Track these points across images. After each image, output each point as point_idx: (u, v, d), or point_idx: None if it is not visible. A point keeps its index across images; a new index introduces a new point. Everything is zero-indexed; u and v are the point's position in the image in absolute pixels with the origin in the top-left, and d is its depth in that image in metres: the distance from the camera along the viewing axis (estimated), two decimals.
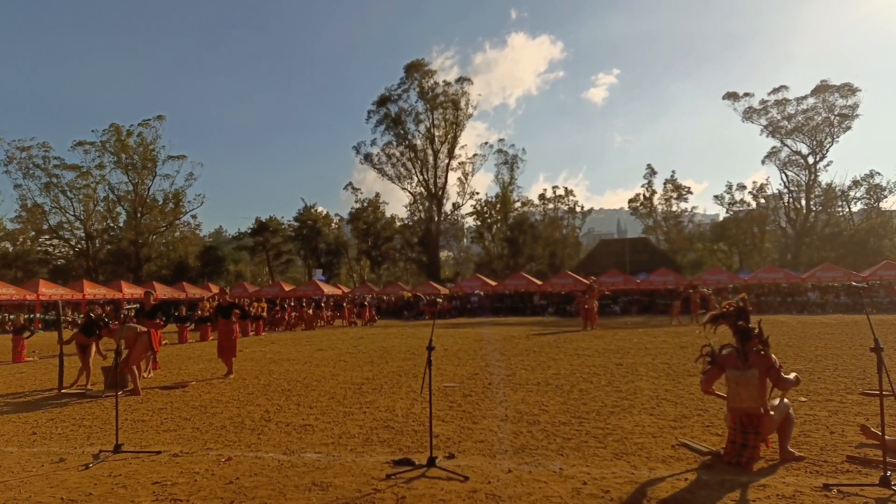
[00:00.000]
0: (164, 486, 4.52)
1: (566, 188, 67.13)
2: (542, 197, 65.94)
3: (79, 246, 55.83)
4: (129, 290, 36.76)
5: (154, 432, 6.47)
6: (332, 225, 65.30)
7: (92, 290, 34.87)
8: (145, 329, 9.75)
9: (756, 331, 5.01)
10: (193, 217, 66.18)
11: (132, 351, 9.31)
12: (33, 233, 56.12)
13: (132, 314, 11.82)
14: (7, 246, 56.58)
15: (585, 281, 30.66)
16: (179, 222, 59.64)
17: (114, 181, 55.07)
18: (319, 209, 63.84)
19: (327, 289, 41.63)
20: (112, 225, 57.27)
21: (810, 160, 54.22)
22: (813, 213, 55.56)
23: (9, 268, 51.96)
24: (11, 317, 31.42)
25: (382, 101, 59.24)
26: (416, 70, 58.47)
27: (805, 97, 53.00)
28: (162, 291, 37.32)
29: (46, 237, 56.35)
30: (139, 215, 55.29)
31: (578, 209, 66.38)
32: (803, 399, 7.26)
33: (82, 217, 54.52)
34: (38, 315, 32.34)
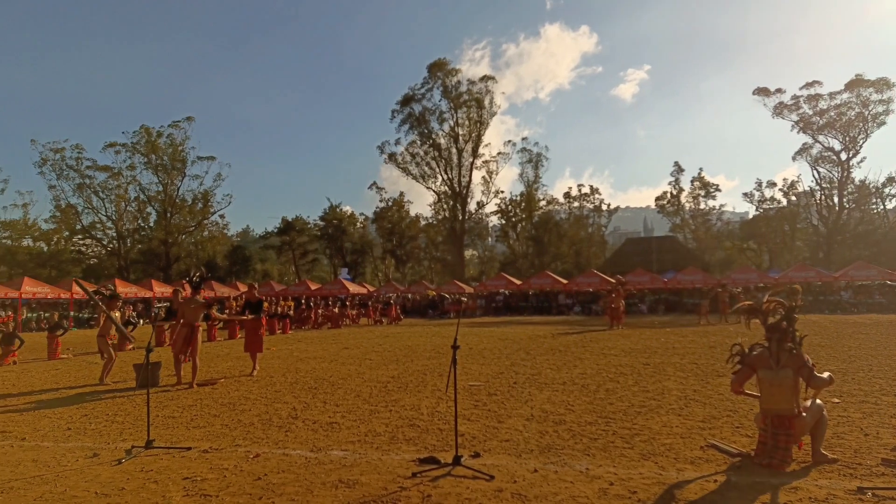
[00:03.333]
0: (195, 482, 4.60)
1: (591, 186, 66.74)
2: (567, 195, 65.60)
3: (111, 245, 56.97)
4: (160, 289, 37.42)
5: (184, 429, 6.57)
6: (358, 224, 65.71)
7: (123, 289, 35.50)
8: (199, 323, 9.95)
9: (791, 330, 4.93)
10: (221, 217, 67.10)
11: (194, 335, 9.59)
12: (67, 233, 57.37)
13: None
14: (42, 246, 57.98)
15: (611, 280, 30.39)
16: (208, 222, 60.54)
17: (144, 182, 56.10)
18: (345, 208, 64.39)
19: (353, 287, 41.90)
20: (143, 225, 58.31)
21: (843, 156, 52.97)
22: (846, 211, 54.25)
23: (43, 267, 53.26)
24: (46, 315, 32.31)
25: (406, 101, 59.41)
26: (439, 69, 58.52)
27: (838, 92, 51.82)
28: (191, 290, 37.83)
29: (79, 237, 57.59)
30: (169, 215, 56.19)
31: (604, 207, 65.93)
32: (836, 400, 7.11)
33: (114, 217, 55.64)
34: (71, 313, 33.11)
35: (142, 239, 58.06)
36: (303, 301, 30.64)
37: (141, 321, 30.43)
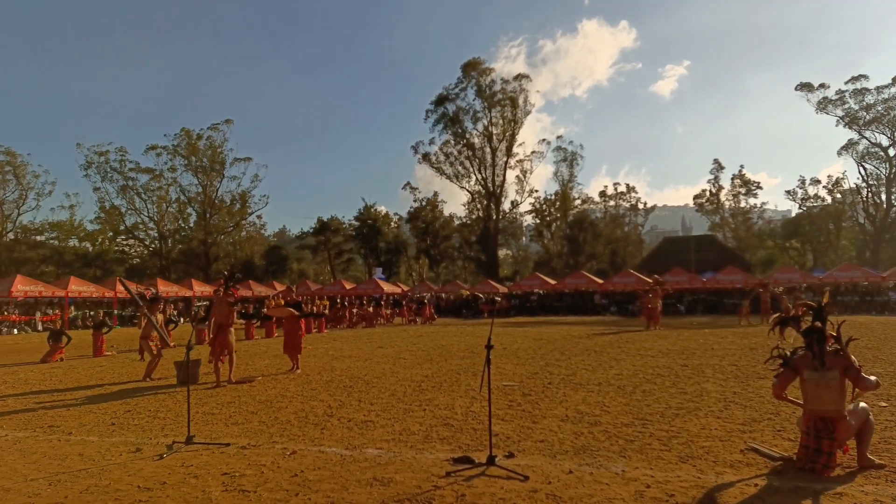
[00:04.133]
0: (233, 477, 4.68)
1: (628, 185, 65.86)
2: (602, 194, 64.94)
3: (153, 246, 58.58)
4: (200, 288, 38.29)
5: (223, 425, 6.70)
6: (392, 224, 66.08)
7: (165, 288, 36.42)
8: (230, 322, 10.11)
9: (832, 331, 4.78)
10: (259, 217, 68.29)
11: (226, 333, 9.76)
12: (111, 233, 59.24)
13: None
14: (87, 246, 59.98)
15: (648, 280, 29.95)
16: (246, 222, 61.67)
17: (184, 183, 57.53)
18: (379, 208, 64.83)
19: (387, 287, 42.17)
20: (183, 225, 59.78)
21: (891, 152, 51.28)
22: (894, 208, 52.46)
23: (89, 266, 55.01)
24: (91, 313, 33.30)
25: (440, 101, 59.50)
26: (473, 68, 58.49)
27: (886, 86, 50.11)
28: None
29: (123, 237, 59.43)
30: (208, 216, 57.43)
31: (641, 206, 65.04)
32: (884, 404, 6.88)
33: (155, 218, 57.23)
34: (115, 311, 34.08)
35: (182, 239, 59.49)
36: (338, 300, 30.95)
37: (182, 320, 31.11)
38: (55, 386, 10.32)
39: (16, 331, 29.63)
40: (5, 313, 30.87)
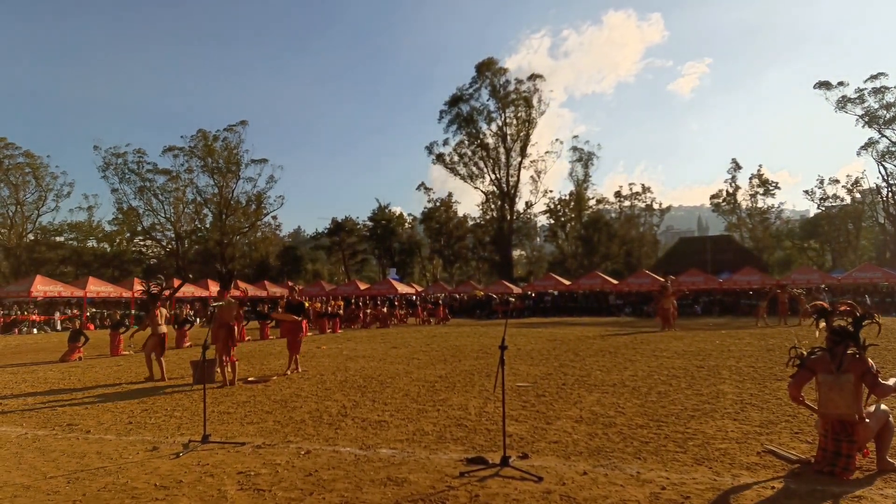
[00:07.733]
0: (248, 476, 4.72)
1: (643, 185, 65.46)
2: (618, 194, 64.65)
3: (169, 246, 59.19)
4: (216, 289, 38.54)
5: (238, 424, 6.75)
6: (406, 225, 66.19)
7: (181, 288, 36.77)
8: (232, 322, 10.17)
9: (854, 334, 4.71)
10: (274, 218, 68.63)
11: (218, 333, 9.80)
12: (129, 234, 59.99)
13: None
14: (105, 247, 60.78)
15: (662, 280, 29.76)
16: (261, 223, 62.06)
17: (200, 184, 58.12)
18: (393, 209, 65.00)
19: (401, 287, 42.24)
20: (199, 226, 60.31)
21: None
22: None
23: (107, 267, 55.74)
24: (109, 312, 33.72)
25: (454, 101, 59.60)
26: (487, 68, 58.48)
27: None
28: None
29: (140, 238, 60.15)
30: (224, 217, 57.88)
31: (656, 206, 64.65)
32: None
33: (172, 219, 57.79)
34: (133, 311, 34.44)
35: (198, 240, 60.04)
36: (352, 301, 31.06)
37: (197, 320, 31.39)
38: (74, 385, 10.46)
39: (35, 330, 30.06)
40: (25, 313, 31.32)
